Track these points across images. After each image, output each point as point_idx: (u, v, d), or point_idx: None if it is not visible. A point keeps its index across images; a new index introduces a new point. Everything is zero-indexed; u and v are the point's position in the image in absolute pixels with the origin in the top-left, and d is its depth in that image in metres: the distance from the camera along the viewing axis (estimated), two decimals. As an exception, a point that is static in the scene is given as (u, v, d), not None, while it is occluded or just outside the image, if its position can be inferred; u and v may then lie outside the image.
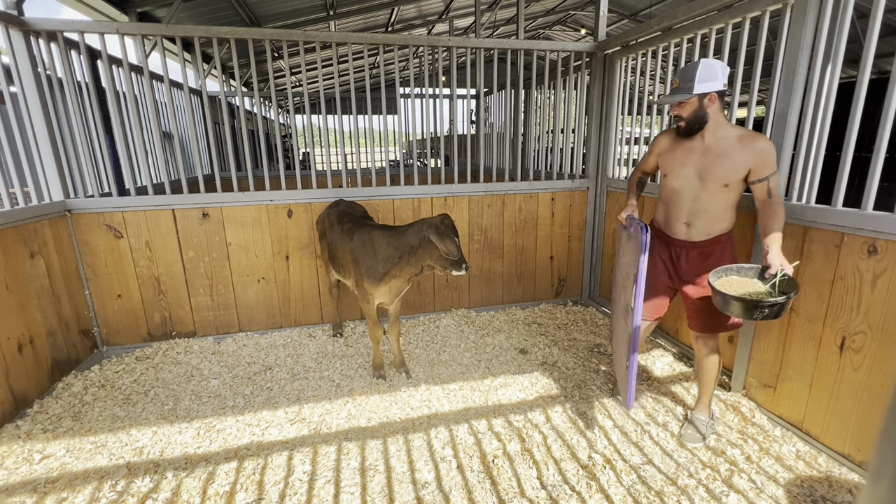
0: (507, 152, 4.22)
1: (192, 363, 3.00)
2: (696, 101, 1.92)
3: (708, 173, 1.98)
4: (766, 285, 1.81)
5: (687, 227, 2.09)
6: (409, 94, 6.86)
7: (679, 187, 2.07)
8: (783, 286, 1.77)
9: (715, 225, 2.06)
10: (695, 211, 2.05)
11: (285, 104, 10.45)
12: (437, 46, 3.36)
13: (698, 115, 1.94)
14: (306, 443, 2.19)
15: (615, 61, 3.57)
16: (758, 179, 1.92)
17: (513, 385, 2.70)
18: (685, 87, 1.91)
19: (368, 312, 2.71)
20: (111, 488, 1.88)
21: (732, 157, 1.93)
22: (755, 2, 2.32)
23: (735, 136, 1.95)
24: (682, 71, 1.96)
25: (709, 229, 2.06)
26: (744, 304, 1.71)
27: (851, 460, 1.97)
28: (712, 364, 2.18)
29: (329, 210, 3.02)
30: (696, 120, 1.95)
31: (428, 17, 9.82)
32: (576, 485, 1.91)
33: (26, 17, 2.61)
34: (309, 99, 3.43)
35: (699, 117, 1.95)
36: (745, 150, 1.91)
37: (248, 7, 6.15)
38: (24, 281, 2.49)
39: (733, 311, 1.76)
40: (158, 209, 3.05)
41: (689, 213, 2.07)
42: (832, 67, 2.00)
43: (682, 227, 2.10)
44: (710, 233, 2.07)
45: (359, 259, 2.57)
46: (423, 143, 11.83)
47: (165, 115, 4.70)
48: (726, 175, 1.95)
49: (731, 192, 1.99)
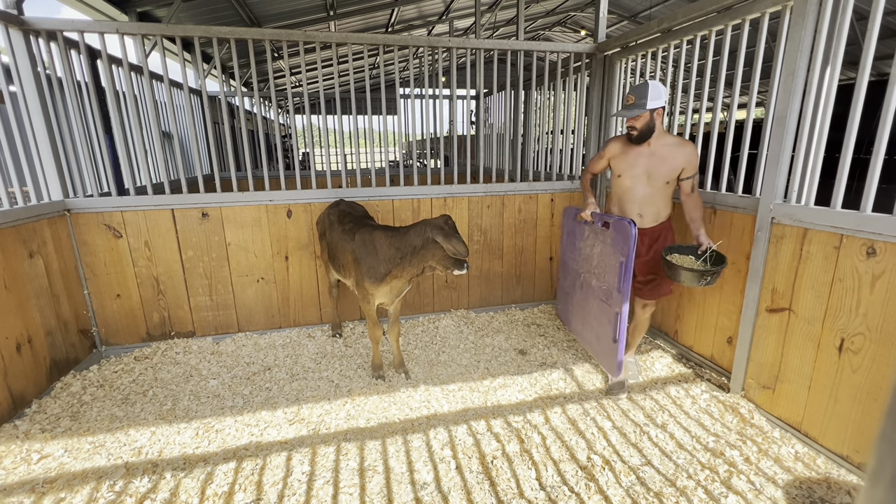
0: (506, 153, 4.23)
1: (191, 363, 2.99)
2: (648, 115, 2.33)
3: (654, 173, 2.44)
4: (699, 260, 2.35)
5: (640, 216, 2.53)
6: (409, 95, 6.87)
7: (631, 185, 2.50)
8: (713, 259, 2.32)
9: (661, 213, 2.54)
10: (645, 203, 2.50)
11: (285, 104, 10.45)
12: (437, 47, 3.36)
13: (649, 127, 2.37)
14: (305, 443, 2.18)
15: (615, 62, 3.57)
16: (687, 177, 2.41)
17: (512, 386, 2.70)
18: (640, 103, 2.30)
19: (368, 312, 2.70)
20: (109, 488, 1.88)
21: (672, 160, 2.39)
22: (755, 4, 2.32)
23: (673, 142, 2.42)
24: (636, 90, 2.32)
25: (656, 217, 2.54)
26: (695, 273, 2.23)
27: (850, 462, 1.97)
28: (647, 322, 2.76)
29: (329, 210, 3.01)
30: (647, 130, 2.38)
31: (428, 17, 9.82)
32: (574, 486, 1.91)
33: (26, 17, 2.61)
34: (309, 99, 3.43)
35: (650, 128, 2.37)
36: (681, 154, 2.39)
37: (248, 7, 6.15)
38: (22, 281, 2.49)
39: (685, 280, 2.27)
40: (158, 209, 3.05)
41: (641, 205, 2.51)
42: (831, 69, 2.00)
43: (634, 217, 2.53)
44: (657, 220, 2.54)
45: (360, 259, 2.56)
46: (422, 144, 11.84)
47: (165, 115, 4.70)
48: (668, 174, 2.42)
49: (670, 187, 2.47)
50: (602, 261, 2.60)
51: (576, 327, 3.07)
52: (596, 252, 2.67)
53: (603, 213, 2.59)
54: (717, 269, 2.24)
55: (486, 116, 6.07)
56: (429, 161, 3.68)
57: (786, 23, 2.18)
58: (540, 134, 4.37)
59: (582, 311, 2.92)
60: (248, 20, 6.37)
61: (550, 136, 4.17)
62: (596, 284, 2.67)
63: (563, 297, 3.27)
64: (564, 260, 3.18)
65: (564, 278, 3.18)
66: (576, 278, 2.96)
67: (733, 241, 2.60)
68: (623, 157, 2.51)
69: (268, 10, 6.63)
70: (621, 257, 2.36)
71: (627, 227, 2.31)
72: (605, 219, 2.53)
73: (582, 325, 2.94)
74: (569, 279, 3.08)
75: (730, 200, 2.60)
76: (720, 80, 2.64)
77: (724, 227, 2.65)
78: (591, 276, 2.73)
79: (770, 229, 2.31)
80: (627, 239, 2.30)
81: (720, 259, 2.32)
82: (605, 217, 2.53)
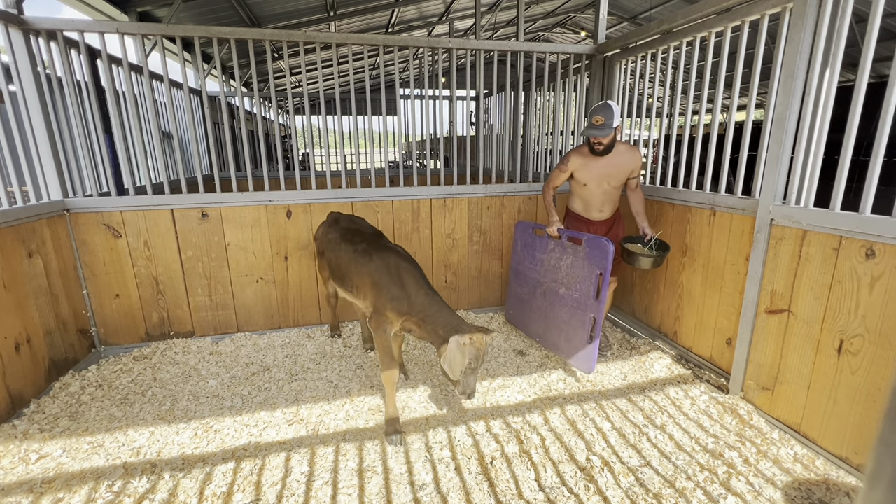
0: (506, 154, 4.23)
1: (190, 363, 2.99)
2: (613, 132, 2.66)
3: (612, 178, 2.86)
4: (647, 247, 2.79)
5: (600, 212, 2.98)
6: (409, 96, 6.87)
7: (594, 189, 2.90)
8: (658, 245, 2.79)
9: (615, 206, 3.01)
10: (605, 202, 2.94)
11: (285, 105, 10.45)
12: (437, 48, 3.36)
13: (613, 141, 2.72)
14: (304, 444, 2.18)
15: (615, 64, 3.58)
16: (634, 176, 2.88)
17: (511, 387, 2.70)
18: (608, 123, 2.63)
19: (383, 344, 2.28)
20: (108, 489, 1.87)
21: (625, 165, 2.83)
22: (754, 5, 2.33)
23: (624, 149, 2.82)
24: (602, 112, 2.63)
25: (612, 210, 3.00)
26: (650, 258, 2.69)
27: (849, 463, 1.97)
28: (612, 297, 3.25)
29: (328, 228, 2.82)
30: (611, 144, 2.73)
31: (428, 18, 9.83)
32: (574, 487, 1.91)
33: (26, 16, 2.61)
34: (309, 99, 3.43)
35: (613, 142, 2.73)
36: (631, 158, 2.83)
37: (248, 7, 6.15)
38: (21, 280, 2.49)
39: (642, 264, 2.71)
40: (157, 209, 3.05)
41: (602, 204, 2.95)
42: (830, 71, 2.01)
43: (597, 212, 2.98)
44: (612, 211, 3.01)
45: (381, 286, 2.32)
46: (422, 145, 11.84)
47: (165, 115, 4.70)
48: (622, 177, 2.87)
49: (622, 186, 2.95)
50: (572, 272, 2.88)
51: (536, 331, 3.23)
52: (564, 264, 2.95)
53: (566, 230, 2.93)
54: (666, 254, 2.73)
55: (486, 117, 6.08)
56: (429, 162, 3.68)
57: (785, 24, 2.19)
58: (540, 135, 4.38)
59: (544, 317, 3.13)
60: (248, 20, 6.37)
61: (550, 137, 4.18)
62: (565, 293, 2.93)
63: (516, 303, 3.47)
64: (520, 270, 3.41)
65: (520, 287, 3.39)
66: (536, 287, 3.20)
67: (732, 242, 2.60)
68: (586, 168, 2.85)
69: (268, 11, 6.63)
70: (597, 269, 2.67)
71: (605, 244, 2.63)
72: (575, 235, 2.85)
73: (545, 329, 3.13)
74: (526, 288, 3.32)
75: (729, 202, 2.60)
76: (720, 82, 2.65)
77: (724, 229, 2.65)
78: (558, 286, 2.99)
79: (769, 231, 2.31)
80: (606, 255, 2.62)
81: (664, 246, 2.79)
82: (576, 234, 2.85)
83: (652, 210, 3.26)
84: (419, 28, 10.44)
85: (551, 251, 3.06)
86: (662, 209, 3.16)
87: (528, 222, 3.35)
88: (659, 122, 4.83)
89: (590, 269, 2.72)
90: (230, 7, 5.88)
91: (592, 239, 2.72)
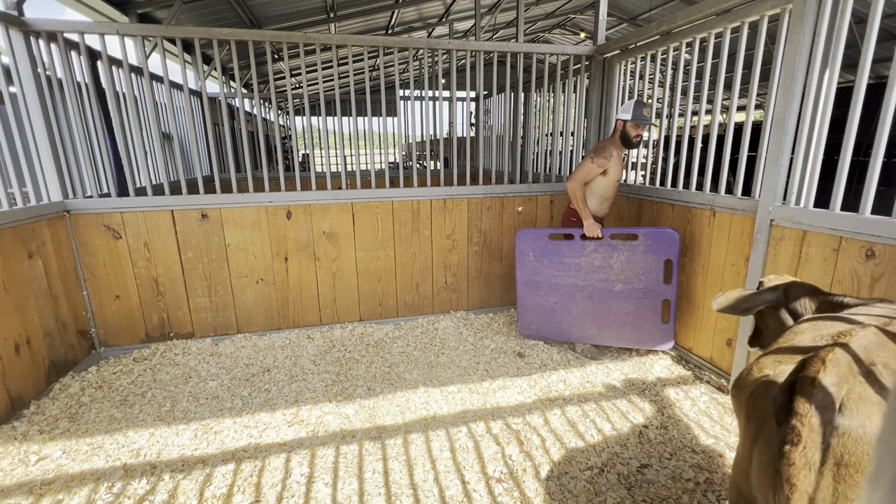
0: (506, 155, 4.23)
1: (190, 364, 2.99)
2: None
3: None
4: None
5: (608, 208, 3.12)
6: (409, 97, 6.87)
7: (615, 183, 3.00)
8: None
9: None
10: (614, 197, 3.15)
11: (285, 106, 10.46)
12: (436, 49, 3.37)
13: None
14: (304, 445, 2.18)
15: (614, 65, 3.58)
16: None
17: (511, 388, 2.70)
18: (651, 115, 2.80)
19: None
20: (107, 490, 1.87)
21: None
22: (754, 6, 2.33)
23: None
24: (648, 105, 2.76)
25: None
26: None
27: (849, 464, 1.97)
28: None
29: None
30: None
31: (428, 20, 9.84)
32: (573, 488, 1.90)
33: (26, 18, 2.61)
34: (309, 101, 3.43)
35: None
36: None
37: (248, 9, 6.16)
38: (21, 281, 2.49)
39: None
40: (157, 210, 3.05)
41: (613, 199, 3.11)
42: (830, 72, 2.01)
43: (608, 208, 3.12)
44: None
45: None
46: (422, 146, 11.84)
47: (165, 116, 4.70)
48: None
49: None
50: (631, 266, 2.93)
51: (583, 334, 3.14)
52: (618, 261, 2.95)
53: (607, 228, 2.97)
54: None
55: (486, 118, 6.08)
56: (428, 163, 3.68)
57: (784, 25, 2.19)
58: (539, 136, 4.38)
59: (595, 317, 3.09)
60: (248, 22, 6.38)
61: (550, 137, 4.18)
62: (623, 288, 2.97)
63: (539, 315, 3.22)
64: (538, 281, 3.15)
65: (543, 297, 3.17)
66: (574, 291, 3.11)
67: (732, 243, 2.60)
68: (618, 162, 2.91)
69: (268, 12, 6.64)
70: (664, 257, 2.82)
71: (672, 234, 2.77)
72: (623, 232, 2.90)
73: (598, 328, 3.10)
74: (555, 296, 3.14)
75: (729, 203, 2.60)
76: (719, 83, 2.65)
77: (724, 229, 2.66)
78: (612, 283, 3.00)
79: (769, 231, 2.31)
80: (674, 243, 2.78)
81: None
82: (625, 230, 2.89)
83: (652, 210, 3.27)
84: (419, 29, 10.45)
85: (591, 252, 2.99)
86: (662, 210, 3.17)
87: (533, 230, 3.11)
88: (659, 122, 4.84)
89: (654, 259, 2.85)
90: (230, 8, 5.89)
91: (653, 231, 2.82)
